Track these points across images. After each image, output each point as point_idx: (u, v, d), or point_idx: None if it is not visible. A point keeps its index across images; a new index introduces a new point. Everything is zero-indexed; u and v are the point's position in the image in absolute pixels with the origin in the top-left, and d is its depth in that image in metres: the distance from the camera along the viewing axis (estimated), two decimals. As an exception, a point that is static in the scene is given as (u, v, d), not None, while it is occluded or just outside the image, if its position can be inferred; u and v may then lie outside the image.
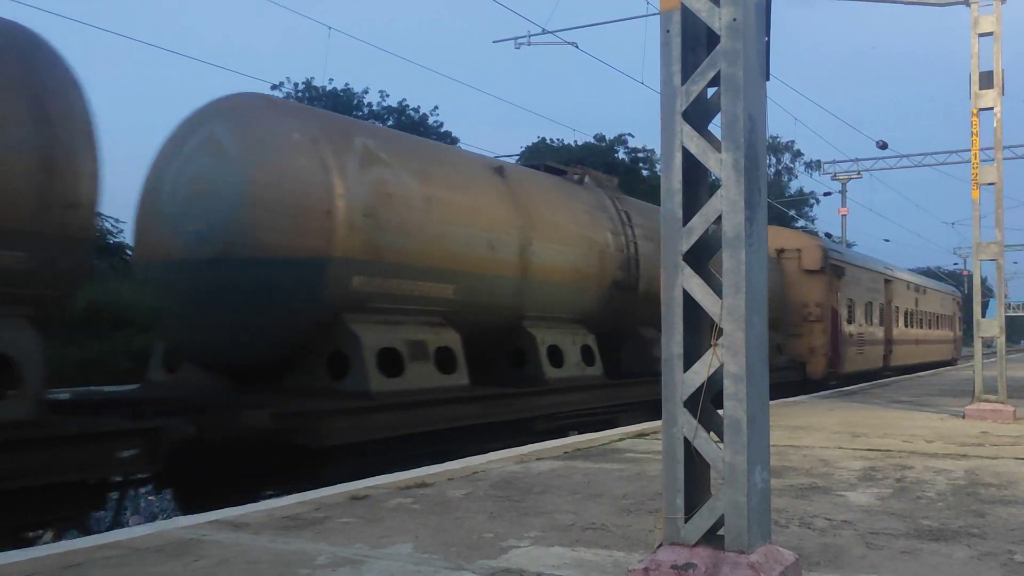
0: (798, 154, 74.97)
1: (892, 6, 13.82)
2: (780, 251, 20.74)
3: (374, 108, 46.23)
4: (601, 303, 13.49)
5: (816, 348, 20.64)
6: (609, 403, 13.01)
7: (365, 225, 9.15)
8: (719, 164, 3.41)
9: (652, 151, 53.94)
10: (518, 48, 20.51)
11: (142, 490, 8.71)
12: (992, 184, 12.57)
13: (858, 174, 40.51)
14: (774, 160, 73.82)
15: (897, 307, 29.14)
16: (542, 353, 11.87)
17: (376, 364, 8.99)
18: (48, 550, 4.53)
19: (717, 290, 3.41)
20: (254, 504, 5.77)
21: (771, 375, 17.18)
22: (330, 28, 21.02)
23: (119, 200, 10.21)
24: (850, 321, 23.32)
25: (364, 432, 8.57)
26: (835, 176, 41.44)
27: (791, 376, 20.02)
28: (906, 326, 30.80)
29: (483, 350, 11.35)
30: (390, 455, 8.77)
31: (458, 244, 10.50)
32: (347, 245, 8.94)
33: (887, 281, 28.15)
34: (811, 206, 72.10)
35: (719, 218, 3.41)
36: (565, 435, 10.94)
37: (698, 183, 3.59)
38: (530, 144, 52.03)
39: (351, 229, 8.97)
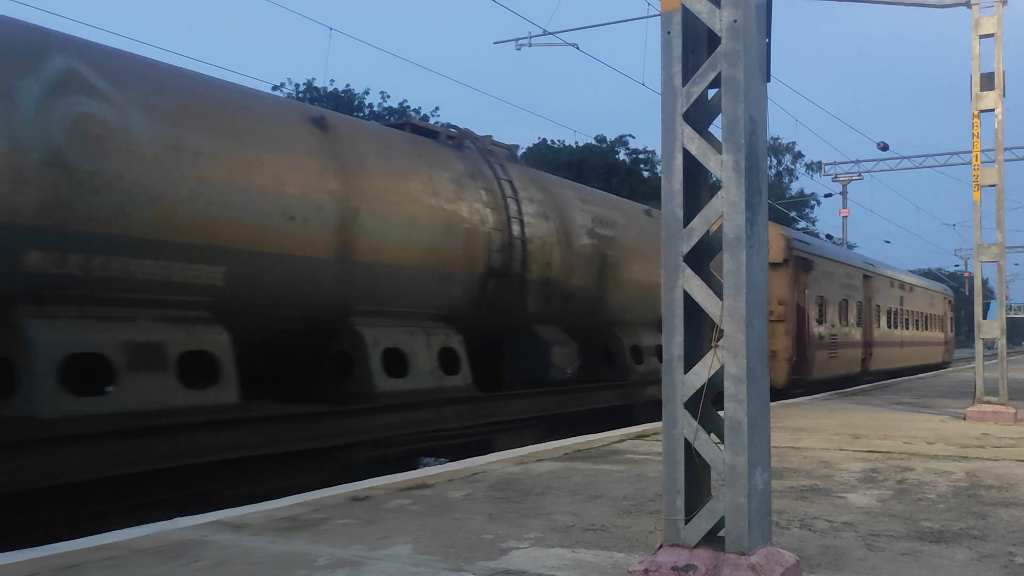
0: (799, 155, 75.08)
1: (893, 7, 13.82)
2: None
3: (375, 109, 46.30)
4: (472, 295, 10.97)
5: (778, 352, 18.05)
6: (481, 421, 10.56)
7: (47, 178, 6.60)
8: (720, 165, 3.40)
9: (653, 152, 54.00)
10: (519, 49, 20.50)
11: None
12: (993, 186, 12.56)
13: (859, 176, 40.48)
14: (775, 161, 73.88)
15: (878, 306, 26.71)
16: (372, 359, 9.20)
17: (57, 378, 6.44)
18: (47, 551, 4.52)
19: (718, 291, 3.40)
20: (253, 505, 5.77)
21: None
22: (331, 29, 21.04)
23: None
24: (821, 321, 20.95)
25: (28, 476, 6.14)
26: (836, 177, 41.42)
27: None
28: (889, 327, 28.19)
29: (288, 355, 9.20)
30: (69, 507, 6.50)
31: (230, 212, 7.89)
32: (7, 205, 6.39)
33: (866, 277, 25.75)
34: (812, 207, 72.16)
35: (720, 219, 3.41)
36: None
37: (699, 185, 3.58)
38: (531, 145, 52.06)
39: (18, 182, 6.44)
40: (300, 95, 45.28)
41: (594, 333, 13.90)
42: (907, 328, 30.68)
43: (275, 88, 43.73)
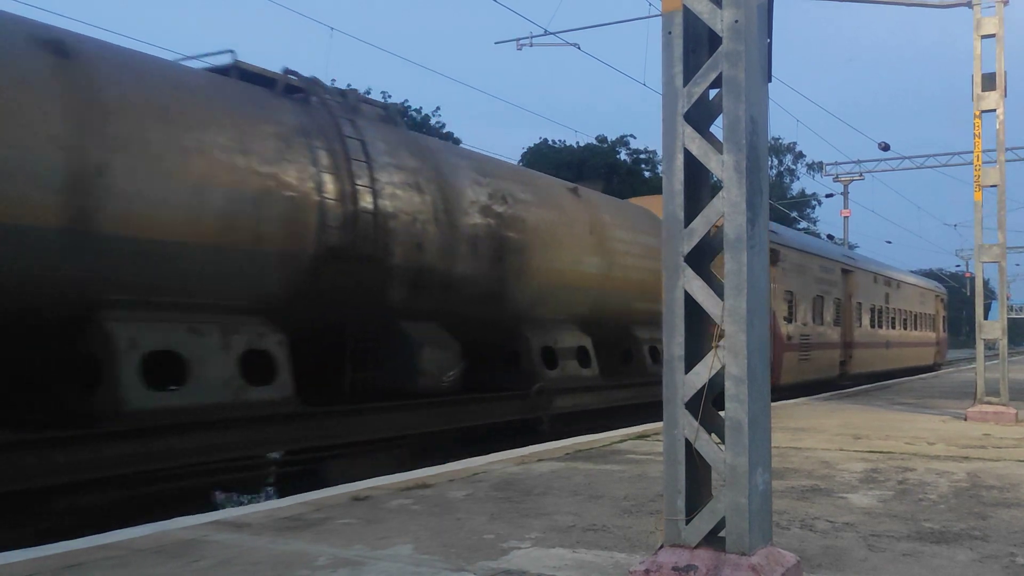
0: (800, 155, 75.09)
1: (895, 7, 13.81)
2: None
3: (376, 109, 46.21)
4: (299, 282, 8.48)
5: None
6: (307, 444, 8.28)
7: None
8: (721, 166, 3.40)
9: (654, 152, 53.99)
10: (520, 49, 20.48)
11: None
12: (994, 186, 12.56)
13: (860, 176, 40.46)
14: (776, 161, 73.87)
15: (860, 303, 24.58)
16: (126, 365, 6.86)
17: None
18: (48, 550, 4.53)
19: (718, 292, 3.40)
20: (255, 505, 5.77)
21: (657, 389, 12.77)
22: (332, 29, 21.05)
23: None
24: (790, 319, 18.91)
25: None
26: (837, 178, 41.41)
27: None
28: (873, 326, 26.02)
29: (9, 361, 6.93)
30: None
31: None
32: None
33: (846, 272, 23.48)
34: (813, 208, 72.16)
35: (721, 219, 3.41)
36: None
37: (700, 185, 3.58)
38: (532, 145, 52.08)
39: None
40: (301, 95, 45.21)
41: (493, 332, 11.53)
42: (893, 327, 28.50)
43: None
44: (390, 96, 48.11)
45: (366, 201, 9.17)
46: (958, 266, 66.19)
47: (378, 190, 9.37)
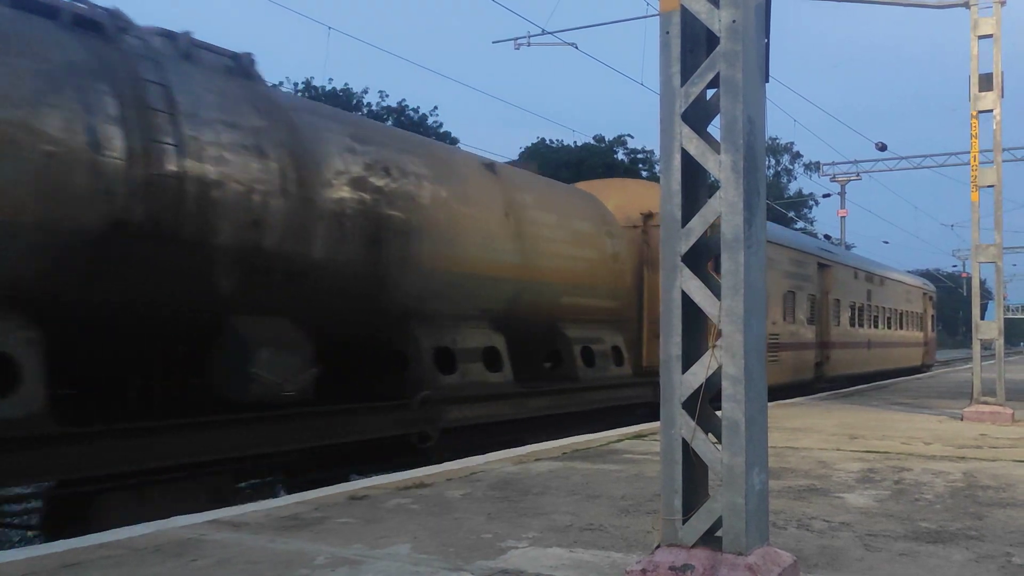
0: (797, 155, 75.25)
1: (892, 8, 13.83)
2: (647, 216, 14.74)
3: (373, 108, 46.30)
4: (70, 265, 6.63)
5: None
6: (63, 477, 6.43)
7: None
8: (718, 166, 3.41)
9: (651, 152, 54.03)
10: (518, 49, 20.51)
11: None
12: (991, 186, 12.58)
13: (857, 176, 40.56)
14: (773, 161, 73.98)
15: (838, 300, 22.58)
16: None
17: None
18: (47, 549, 4.53)
19: (716, 292, 3.41)
20: (253, 504, 5.78)
21: (606, 394, 12.30)
22: (329, 28, 21.03)
23: None
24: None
25: None
26: (834, 178, 41.50)
27: (643, 395, 13.55)
28: (853, 325, 24.05)
29: None
30: None
31: None
32: None
33: (822, 266, 21.49)
34: (810, 208, 72.28)
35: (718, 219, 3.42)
36: None
37: (697, 185, 3.59)
38: (529, 144, 52.11)
39: None
40: (299, 94, 45.28)
41: (369, 331, 9.54)
42: (876, 326, 26.40)
43: (273, 87, 43.71)
44: (388, 96, 48.15)
45: (170, 163, 7.07)
46: (955, 266, 66.36)
47: (194, 151, 7.30)
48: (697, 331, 3.57)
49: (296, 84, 46.09)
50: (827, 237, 48.12)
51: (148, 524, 5.09)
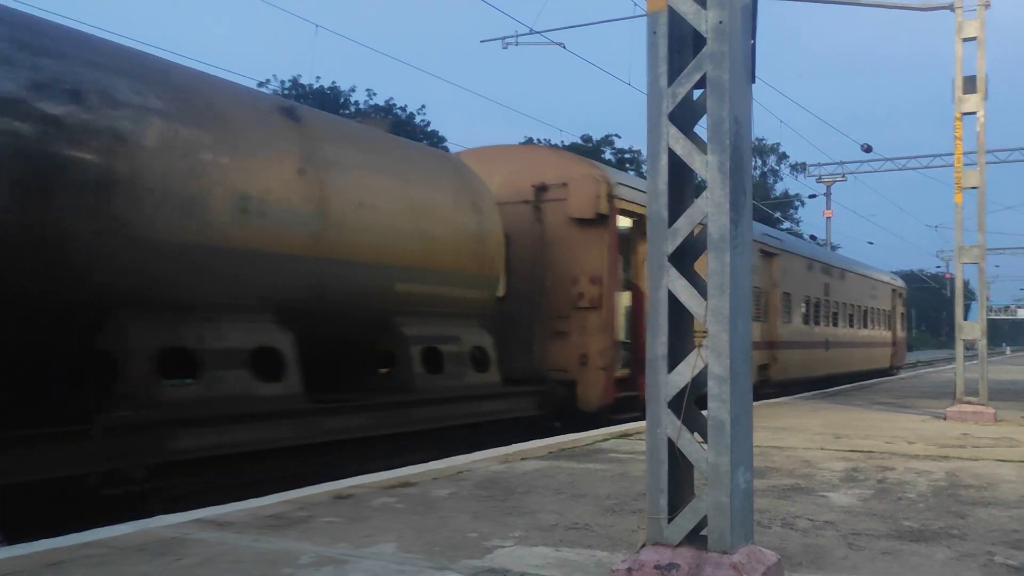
0: (783, 156, 75.65)
1: (877, 10, 13.92)
2: (540, 188, 12.29)
3: (361, 107, 46.21)
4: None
5: (590, 355, 11.78)
6: None
7: None
8: (704, 166, 3.42)
9: (638, 152, 54.20)
10: (506, 48, 20.51)
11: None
12: (975, 188, 12.69)
13: (843, 177, 40.80)
14: (759, 162, 74.34)
15: (788, 294, 19.88)
16: None
17: None
18: (30, 548, 4.49)
19: (702, 291, 3.42)
20: (238, 503, 5.75)
21: (460, 408, 10.15)
22: (317, 26, 20.96)
23: None
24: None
25: None
26: (820, 179, 41.73)
27: (518, 408, 11.13)
28: (808, 323, 21.42)
29: None
30: None
31: None
32: None
33: (767, 254, 18.65)
34: (796, 208, 72.68)
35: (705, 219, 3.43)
36: None
37: (684, 185, 3.60)
38: (517, 144, 52.05)
39: None
40: (286, 92, 45.14)
41: (39, 327, 6.60)
42: (835, 325, 23.83)
43: (260, 85, 43.58)
44: (375, 94, 48.08)
45: None
46: (939, 267, 66.96)
47: None
48: (683, 331, 3.58)
49: (283, 82, 45.97)
50: (812, 238, 48.37)
51: (132, 523, 5.06)
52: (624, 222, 12.73)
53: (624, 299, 12.87)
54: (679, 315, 3.53)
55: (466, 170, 11.19)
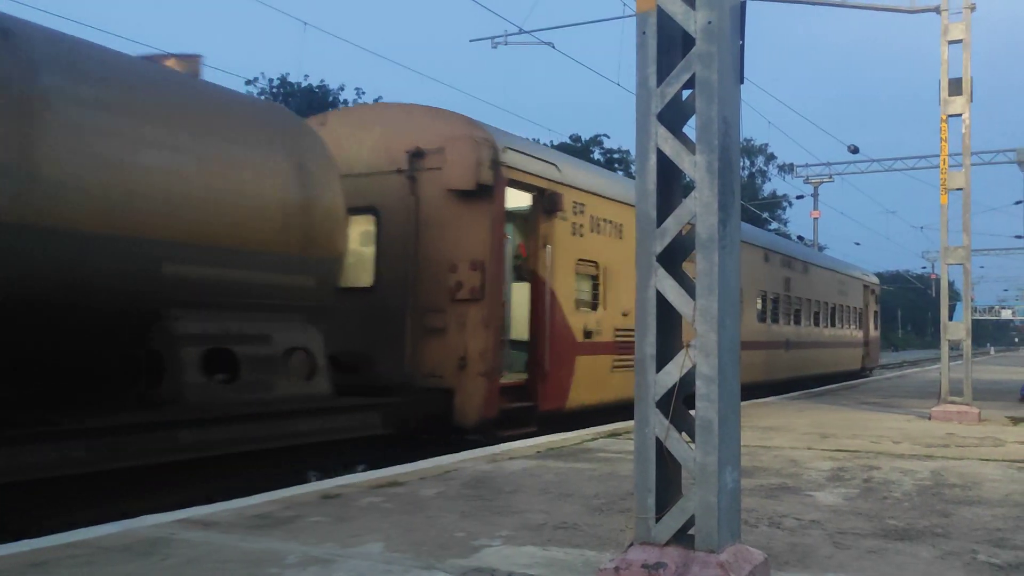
0: (771, 157, 75.96)
1: (864, 12, 13.99)
2: (415, 154, 10.04)
3: (349, 105, 46.10)
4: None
5: (470, 358, 9.57)
6: None
7: None
8: (693, 166, 3.43)
9: (627, 152, 54.28)
10: (495, 47, 20.49)
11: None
12: (960, 189, 12.78)
13: (830, 178, 40.98)
14: (748, 163, 74.63)
15: (740, 289, 13.44)
16: None
17: None
18: (14, 548, 4.45)
19: (690, 291, 3.43)
20: (224, 502, 5.72)
21: (264, 428, 7.80)
22: (305, 24, 20.88)
23: None
24: (593, 304, 11.82)
25: None
26: (807, 179, 41.90)
27: (358, 425, 8.60)
28: (764, 321, 19.15)
29: None
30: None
31: None
32: None
33: None
34: (784, 209, 73.00)
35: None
36: None
37: (672, 185, 3.61)
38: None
39: None
40: (274, 90, 44.98)
41: None
42: (798, 323, 21.35)
43: (249, 83, 43.42)
44: (364, 93, 47.94)
45: None
46: (924, 267, 67.40)
47: None
48: (671, 330, 3.59)
49: (272, 80, 45.79)
50: (800, 238, 48.57)
51: (117, 523, 5.03)
52: (519, 197, 10.56)
53: (522, 291, 11.05)
54: (667, 315, 3.53)
55: (293, 123, 8.82)
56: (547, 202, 10.68)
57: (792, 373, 20.46)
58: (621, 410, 11.18)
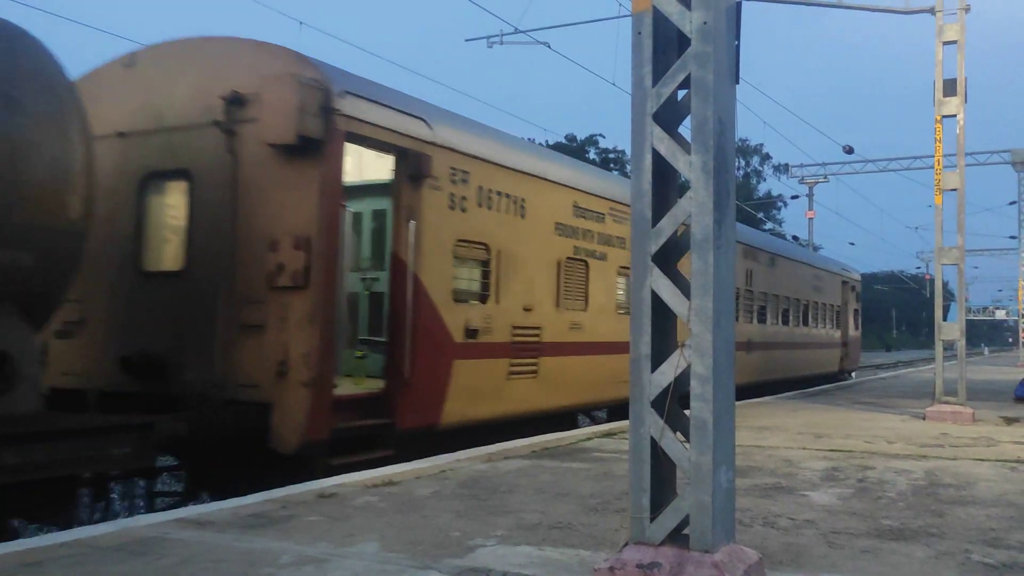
0: (766, 157, 76.06)
1: (859, 13, 14.02)
2: (233, 101, 7.85)
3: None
4: None
5: (291, 362, 7.37)
6: None
7: None
8: (688, 166, 3.44)
9: (623, 152, 54.31)
10: (491, 47, 20.49)
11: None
12: (954, 190, 12.81)
13: (825, 178, 41.02)
14: (743, 163, 74.71)
15: None
16: None
17: None
18: (8, 548, 4.44)
19: (685, 291, 3.43)
20: (219, 502, 5.71)
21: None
22: (301, 23, 20.83)
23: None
24: (484, 295, 9.65)
25: None
26: (802, 180, 41.93)
27: (121, 456, 6.29)
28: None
29: None
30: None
31: None
32: None
33: None
34: (779, 209, 73.10)
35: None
36: None
37: (667, 185, 3.62)
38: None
39: None
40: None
41: None
42: (762, 321, 19.08)
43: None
44: (359, 91, 47.82)
45: None
46: (919, 268, 67.49)
47: None
48: (666, 330, 3.60)
49: (266, 78, 45.66)
50: (795, 238, 48.61)
51: (111, 523, 5.02)
52: (377, 160, 8.99)
53: (379, 280, 9.44)
54: (662, 315, 3.54)
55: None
56: (411, 166, 8.45)
57: (756, 377, 18.34)
58: (524, 425, 10.04)
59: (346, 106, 7.81)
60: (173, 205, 8.20)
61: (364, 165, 9.45)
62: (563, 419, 11.33)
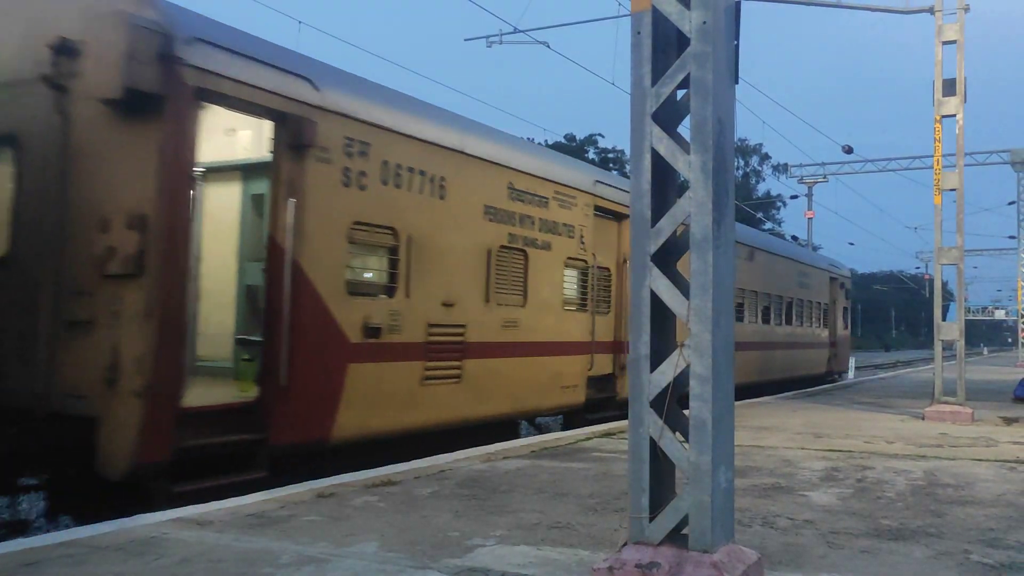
0: (766, 157, 76.12)
1: (859, 12, 14.02)
2: (60, 50, 6.46)
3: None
4: None
5: (123, 366, 6.00)
6: None
7: None
8: (688, 166, 3.44)
9: (622, 152, 54.30)
10: (490, 47, 20.48)
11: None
12: (954, 190, 12.81)
13: (824, 178, 41.03)
14: (742, 163, 74.76)
15: None
16: None
17: None
18: (6, 548, 4.44)
19: (684, 291, 3.43)
20: (218, 502, 5.71)
21: None
22: (300, 23, 20.82)
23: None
24: (391, 288, 8.23)
25: None
26: (802, 180, 41.93)
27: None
28: None
29: None
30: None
31: None
32: None
33: (607, 214, 12.10)
34: (778, 209, 73.13)
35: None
36: None
37: (667, 184, 3.62)
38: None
39: None
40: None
41: None
42: (740, 320, 17.79)
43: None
44: (358, 91, 47.79)
45: None
46: (918, 268, 67.51)
47: None
48: (666, 330, 3.60)
49: (265, 78, 45.64)
50: (794, 238, 48.63)
51: (110, 522, 5.02)
52: (253, 126, 7.91)
53: (253, 270, 8.08)
54: (661, 315, 3.54)
55: None
56: (291, 133, 7.14)
57: (740, 379, 16.20)
58: (447, 436, 8.84)
59: (196, 56, 6.36)
60: None
61: (265, 139, 7.59)
62: (497, 428, 9.85)
